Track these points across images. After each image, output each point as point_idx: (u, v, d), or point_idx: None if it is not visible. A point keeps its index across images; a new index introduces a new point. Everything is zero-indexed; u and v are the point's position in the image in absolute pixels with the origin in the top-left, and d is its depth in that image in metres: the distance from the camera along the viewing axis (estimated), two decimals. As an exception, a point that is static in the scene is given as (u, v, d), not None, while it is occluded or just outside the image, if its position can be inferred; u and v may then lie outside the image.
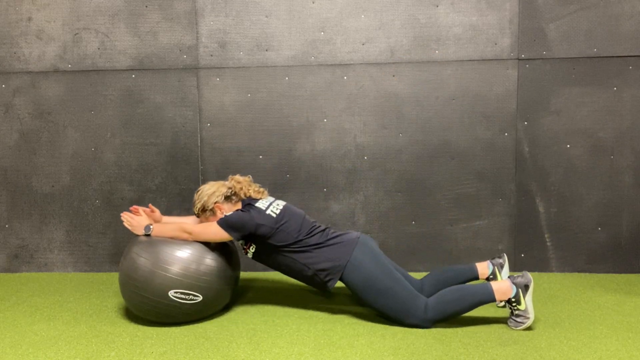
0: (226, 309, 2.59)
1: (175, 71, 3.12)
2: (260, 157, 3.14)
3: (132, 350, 2.16)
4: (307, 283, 2.51)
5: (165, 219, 2.65)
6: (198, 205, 2.52)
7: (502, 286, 2.31)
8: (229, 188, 2.53)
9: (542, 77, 3.01)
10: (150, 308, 2.33)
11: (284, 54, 3.08)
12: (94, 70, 3.14)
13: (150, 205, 2.60)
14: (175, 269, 2.30)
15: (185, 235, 2.41)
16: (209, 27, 3.09)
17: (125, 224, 2.48)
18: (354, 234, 2.48)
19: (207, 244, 2.43)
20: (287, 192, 3.15)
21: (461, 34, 3.01)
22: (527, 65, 3.01)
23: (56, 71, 3.15)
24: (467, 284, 2.50)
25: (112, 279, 3.11)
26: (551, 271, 3.11)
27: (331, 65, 3.07)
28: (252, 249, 2.49)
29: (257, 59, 3.09)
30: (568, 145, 3.04)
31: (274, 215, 2.43)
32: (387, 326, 2.37)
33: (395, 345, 2.17)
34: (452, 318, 2.35)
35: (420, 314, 2.29)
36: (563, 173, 3.05)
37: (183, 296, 2.31)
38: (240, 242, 2.52)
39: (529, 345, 2.15)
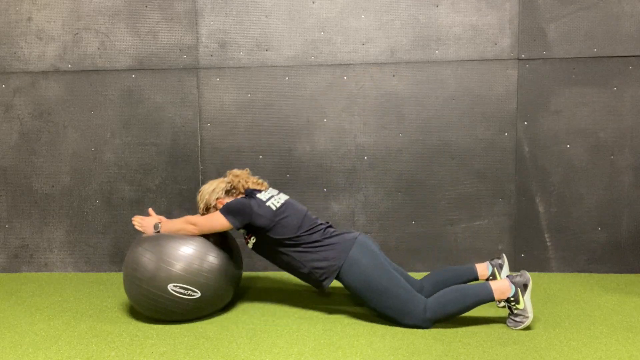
0: (226, 308, 2.59)
1: (175, 71, 3.12)
2: (260, 157, 3.14)
3: (132, 350, 2.16)
4: (303, 280, 2.52)
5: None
6: (201, 205, 2.56)
7: (501, 285, 2.31)
8: (228, 183, 2.57)
9: (542, 77, 3.01)
10: (150, 302, 2.34)
11: (284, 54, 3.08)
12: (94, 70, 3.14)
13: (150, 209, 2.62)
14: (178, 264, 2.32)
15: (191, 228, 2.43)
16: (209, 27, 3.08)
17: (137, 227, 2.52)
18: (353, 233, 2.47)
19: (210, 241, 2.45)
20: (287, 192, 3.13)
21: (461, 34, 3.01)
22: (527, 66, 3.01)
23: (56, 71, 3.15)
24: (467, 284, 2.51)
25: (112, 279, 3.11)
26: (551, 271, 3.11)
27: (331, 65, 3.07)
28: (252, 240, 2.50)
29: (257, 59, 3.09)
30: (568, 145, 3.04)
31: (274, 208, 2.44)
32: (387, 326, 2.36)
33: (395, 345, 2.17)
34: (452, 318, 2.35)
35: (420, 314, 2.29)
36: (563, 173, 3.05)
37: (182, 291, 2.32)
38: (242, 231, 2.53)
39: (529, 345, 2.15)
